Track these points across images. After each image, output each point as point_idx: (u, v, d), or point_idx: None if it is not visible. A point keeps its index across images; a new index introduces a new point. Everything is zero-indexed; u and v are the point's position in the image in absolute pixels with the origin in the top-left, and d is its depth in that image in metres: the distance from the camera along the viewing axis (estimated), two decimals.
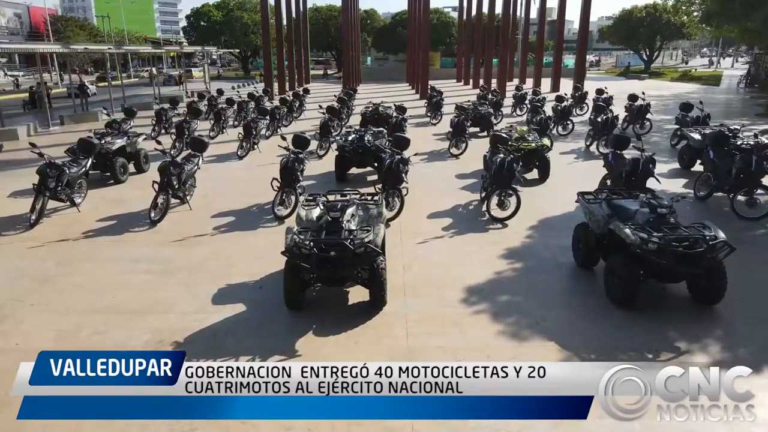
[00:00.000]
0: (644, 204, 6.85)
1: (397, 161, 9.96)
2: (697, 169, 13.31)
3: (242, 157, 15.93)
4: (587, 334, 5.97)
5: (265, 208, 10.72)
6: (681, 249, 5.96)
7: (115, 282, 7.52)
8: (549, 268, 7.79)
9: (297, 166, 10.31)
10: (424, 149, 16.65)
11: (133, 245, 8.96)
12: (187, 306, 6.74)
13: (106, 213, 10.63)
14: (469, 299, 6.81)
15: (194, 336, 6.01)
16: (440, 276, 7.51)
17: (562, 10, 37.24)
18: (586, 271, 7.60)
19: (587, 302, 6.75)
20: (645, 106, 19.08)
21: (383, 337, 5.93)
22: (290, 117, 23.01)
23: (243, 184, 12.93)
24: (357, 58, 49.79)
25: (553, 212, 10.38)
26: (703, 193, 10.85)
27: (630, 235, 6.18)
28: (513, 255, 8.30)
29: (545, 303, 6.73)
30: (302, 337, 5.94)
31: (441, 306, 6.65)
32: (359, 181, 12.97)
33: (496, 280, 7.40)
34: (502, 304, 6.68)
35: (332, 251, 6.04)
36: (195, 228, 9.70)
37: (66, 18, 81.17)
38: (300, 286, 6.40)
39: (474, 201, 11.15)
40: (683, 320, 6.20)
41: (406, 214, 9.97)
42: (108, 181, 13.06)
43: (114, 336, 6.10)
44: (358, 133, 13.41)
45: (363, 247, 6.06)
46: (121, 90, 30.57)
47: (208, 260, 8.25)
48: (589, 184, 11.65)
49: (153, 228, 9.76)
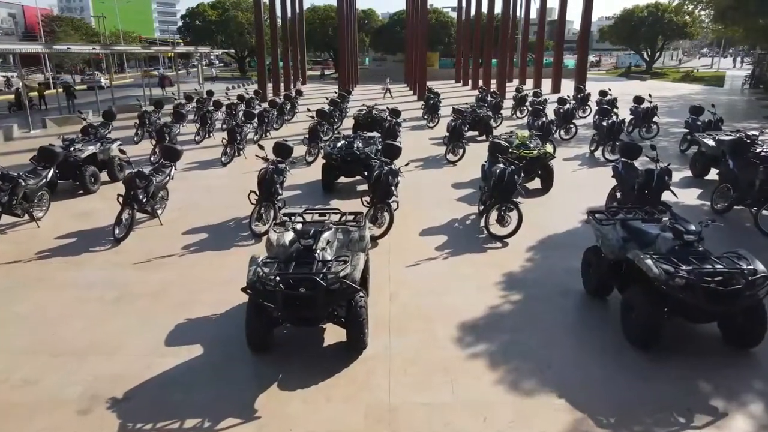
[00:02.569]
0: (667, 228, 5.91)
1: (386, 173, 9.03)
2: (710, 178, 12.44)
3: (226, 164, 15.01)
4: (602, 385, 5.04)
5: (243, 222, 9.80)
6: (714, 285, 5.03)
7: (61, 313, 6.59)
8: (555, 297, 6.85)
9: (276, 178, 9.39)
10: (420, 155, 15.76)
11: (91, 267, 8.02)
12: (136, 346, 5.80)
13: (69, 228, 9.70)
14: (463, 338, 5.87)
15: (138, 388, 5.07)
16: (431, 307, 6.58)
17: (563, 9, 36.33)
18: (598, 301, 6.68)
19: (600, 341, 5.81)
20: (652, 108, 18.18)
21: (361, 391, 5.00)
22: (281, 120, 22.13)
23: (223, 194, 12.00)
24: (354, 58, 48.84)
25: (557, 228, 9.45)
26: (722, 206, 9.94)
27: (653, 268, 5.25)
28: (513, 280, 7.37)
29: (551, 342, 5.81)
30: (265, 390, 5.01)
31: (430, 347, 5.72)
32: (348, 191, 12.06)
33: (495, 313, 6.47)
34: (501, 344, 5.75)
35: (302, 287, 5.11)
36: (162, 246, 8.77)
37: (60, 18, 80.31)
38: (265, 327, 5.47)
39: (471, 214, 10.23)
40: (715, 367, 5.27)
41: (396, 230, 9.05)
42: (78, 191, 12.13)
43: (45, 385, 5.17)
44: (347, 140, 12.48)
45: (338, 283, 5.13)
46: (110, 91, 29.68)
47: (171, 286, 7.32)
48: (596, 196, 10.80)
49: (116, 247, 8.82)
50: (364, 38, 68.84)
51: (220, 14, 64.85)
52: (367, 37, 70.30)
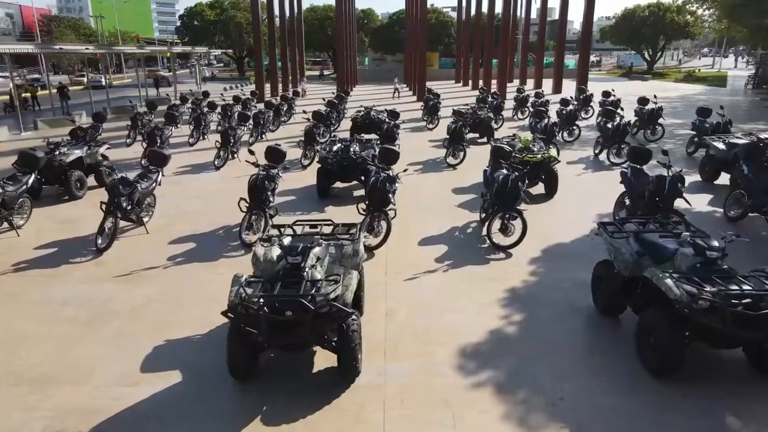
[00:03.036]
0: (686, 243, 5.44)
1: (383, 179, 8.54)
2: (720, 183, 11.97)
3: (219, 168, 14.53)
4: (619, 419, 4.57)
5: (233, 231, 9.33)
6: (742, 309, 4.56)
7: (29, 334, 6.11)
8: (563, 316, 6.38)
9: (268, 185, 8.91)
10: (419, 158, 15.30)
11: (68, 281, 7.54)
12: (108, 373, 5.32)
13: (50, 237, 9.23)
14: (465, 364, 5.40)
15: (107, 423, 4.60)
16: (430, 327, 6.10)
17: (564, 8, 35.85)
18: (610, 321, 6.20)
19: (614, 367, 5.34)
20: (657, 109, 17.68)
21: (352, 426, 4.52)
22: (278, 122, 21.64)
23: (214, 199, 11.52)
24: (353, 58, 48.36)
25: (562, 237, 8.98)
26: (735, 214, 9.47)
27: (673, 289, 4.77)
28: (518, 296, 6.90)
29: (561, 368, 5.33)
30: (246, 425, 4.54)
31: (429, 374, 5.25)
32: (344, 196, 11.58)
33: (499, 334, 5.99)
34: (506, 371, 5.27)
35: (288, 311, 4.64)
36: (146, 257, 8.30)
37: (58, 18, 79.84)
38: (249, 353, 5.00)
39: (473, 222, 9.75)
40: (742, 397, 4.80)
41: (394, 239, 8.57)
42: (63, 197, 11.65)
43: (5, 421, 4.69)
44: (343, 143, 12.00)
45: (328, 306, 4.65)
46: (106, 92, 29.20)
47: (151, 302, 6.84)
48: (603, 202, 10.33)
49: (98, 258, 8.35)
50: (363, 38, 68.34)
51: (218, 14, 64.37)
52: (367, 37, 69.80)
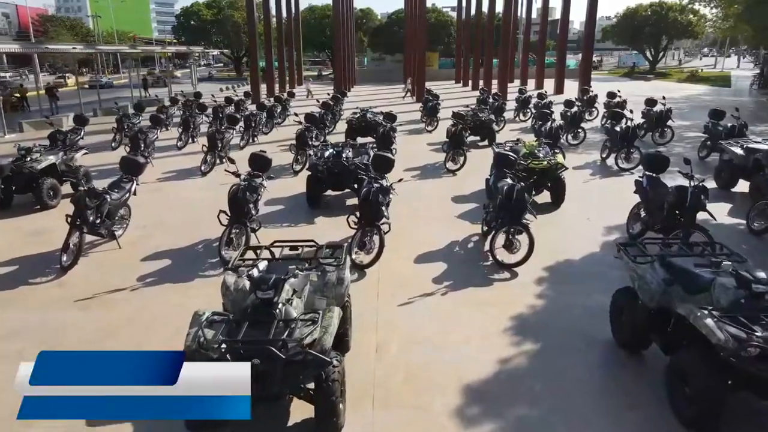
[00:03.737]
0: (726, 273, 4.67)
1: (375, 191, 7.75)
2: (738, 190, 11.20)
3: (206, 174, 13.75)
4: None
5: (213, 245, 8.55)
6: None
7: None
8: (577, 349, 5.61)
9: (250, 196, 8.13)
10: (416, 163, 14.52)
11: (22, 307, 6.75)
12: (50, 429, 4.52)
13: (14, 253, 8.45)
14: (466, 413, 4.62)
15: None
16: (426, 366, 5.33)
17: (566, 8, 35.08)
18: (632, 358, 5.43)
19: (641, 416, 4.57)
20: (666, 111, 16.93)
21: None
22: (271, 124, 20.83)
23: (196, 209, 10.73)
24: (351, 58, 47.55)
25: (572, 252, 8.20)
26: (760, 226, 8.70)
27: (716, 333, 4.01)
28: (526, 325, 6.12)
29: (578, 417, 4.56)
30: None
31: (425, 426, 4.47)
32: (337, 206, 10.77)
33: (505, 374, 5.22)
34: (514, 422, 4.50)
35: (255, 358, 3.87)
36: (115, 276, 7.53)
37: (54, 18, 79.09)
38: None
39: (474, 235, 8.97)
40: None
41: (388, 255, 7.78)
42: (35, 206, 10.87)
43: None
44: (335, 149, 11.22)
45: (302, 354, 3.88)
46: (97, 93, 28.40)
47: (112, 334, 6.06)
48: (615, 212, 9.56)
49: (61, 277, 7.57)
50: (362, 38, 67.56)
51: (215, 14, 63.54)
52: (365, 37, 69.01)
